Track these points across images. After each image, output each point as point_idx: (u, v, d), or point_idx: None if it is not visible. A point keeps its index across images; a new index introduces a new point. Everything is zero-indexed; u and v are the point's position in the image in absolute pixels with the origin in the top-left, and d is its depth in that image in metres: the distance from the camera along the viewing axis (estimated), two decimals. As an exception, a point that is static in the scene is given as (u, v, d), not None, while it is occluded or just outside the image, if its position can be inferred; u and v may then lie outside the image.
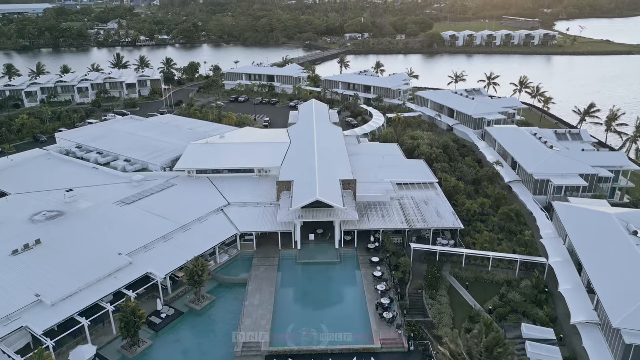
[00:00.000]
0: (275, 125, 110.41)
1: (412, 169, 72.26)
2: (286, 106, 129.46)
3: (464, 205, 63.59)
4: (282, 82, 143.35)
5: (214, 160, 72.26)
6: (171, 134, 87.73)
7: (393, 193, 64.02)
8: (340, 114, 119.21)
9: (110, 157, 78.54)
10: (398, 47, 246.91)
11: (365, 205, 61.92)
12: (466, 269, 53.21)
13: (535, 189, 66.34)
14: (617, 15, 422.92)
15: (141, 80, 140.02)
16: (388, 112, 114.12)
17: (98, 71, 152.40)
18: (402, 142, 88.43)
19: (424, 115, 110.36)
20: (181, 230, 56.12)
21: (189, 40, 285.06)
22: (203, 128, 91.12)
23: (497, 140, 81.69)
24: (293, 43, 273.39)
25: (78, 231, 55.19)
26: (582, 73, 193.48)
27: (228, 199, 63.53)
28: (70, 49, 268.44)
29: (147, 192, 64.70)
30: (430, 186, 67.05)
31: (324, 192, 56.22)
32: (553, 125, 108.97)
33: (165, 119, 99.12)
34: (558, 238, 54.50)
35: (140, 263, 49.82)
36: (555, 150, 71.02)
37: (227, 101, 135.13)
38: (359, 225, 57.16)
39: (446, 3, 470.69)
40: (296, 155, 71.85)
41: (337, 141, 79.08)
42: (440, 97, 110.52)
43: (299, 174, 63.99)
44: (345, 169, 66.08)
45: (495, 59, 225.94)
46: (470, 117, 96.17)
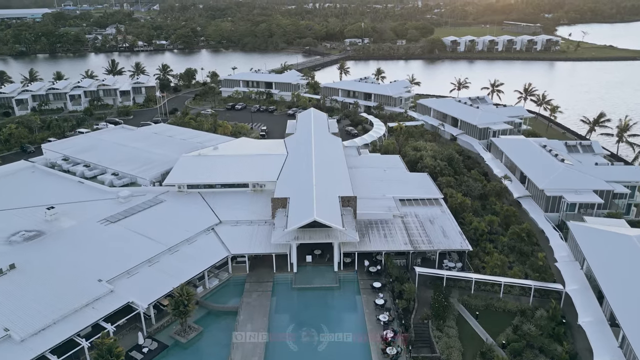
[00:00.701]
0: (272, 134, 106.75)
1: (415, 183, 68.41)
2: (284, 114, 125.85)
3: (471, 224, 59.66)
4: (280, 89, 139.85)
5: (206, 174, 68.43)
6: (163, 144, 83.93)
7: (395, 210, 60.11)
8: (339, 122, 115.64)
9: (97, 170, 74.73)
10: (399, 52, 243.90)
11: (366, 224, 58.02)
12: (475, 295, 49.21)
13: (547, 205, 62.43)
14: (618, 20, 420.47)
15: (135, 87, 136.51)
16: (389, 121, 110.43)
17: (92, 78, 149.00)
18: (404, 153, 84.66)
19: (426, 124, 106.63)
20: (168, 253, 52.16)
21: (187, 46, 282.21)
22: (197, 138, 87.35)
23: (504, 152, 77.88)
24: (292, 48, 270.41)
25: (57, 254, 51.26)
26: (585, 79, 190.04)
27: (220, 216, 59.64)
28: (67, 55, 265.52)
29: (133, 210, 60.81)
30: (435, 202, 63.15)
31: (321, 211, 52.34)
32: (560, 135, 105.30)
33: (157, 128, 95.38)
34: (574, 262, 50.50)
35: (122, 290, 45.83)
36: (567, 164, 67.15)
37: (224, 109, 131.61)
38: (359, 247, 53.22)
39: (446, 8, 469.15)
40: (293, 169, 68.03)
41: (336, 153, 75.28)
42: (443, 105, 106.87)
43: (296, 189, 60.14)
44: (344, 184, 62.22)
45: (497, 65, 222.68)
46: (474, 126, 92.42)
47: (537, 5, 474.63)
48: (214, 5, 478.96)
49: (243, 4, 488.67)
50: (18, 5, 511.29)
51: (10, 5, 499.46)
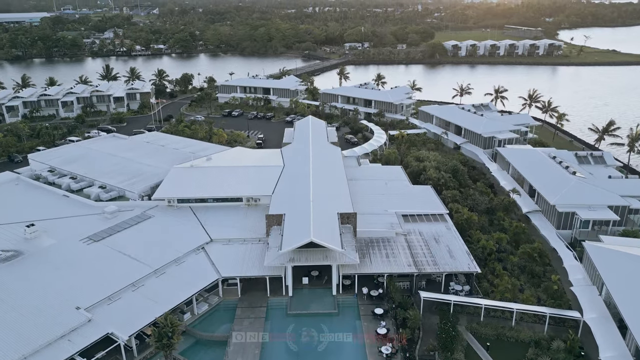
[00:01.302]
0: (270, 143, 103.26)
1: (418, 197, 64.79)
2: (282, 121, 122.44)
3: (479, 242, 56.00)
4: (278, 95, 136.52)
5: (197, 187, 64.84)
6: (154, 155, 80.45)
7: (398, 227, 56.48)
8: (339, 130, 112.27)
9: (84, 183, 71.19)
10: (399, 57, 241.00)
11: (367, 242, 54.37)
12: (485, 323, 45.47)
13: (559, 222, 58.77)
14: (619, 24, 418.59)
15: (130, 93, 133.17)
16: (390, 129, 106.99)
17: (86, 83, 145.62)
18: (406, 164, 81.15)
19: (429, 132, 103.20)
20: (154, 275, 48.47)
21: (185, 50, 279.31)
22: (190, 148, 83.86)
23: (511, 163, 74.31)
24: (292, 53, 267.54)
25: (33, 277, 47.55)
26: (589, 84, 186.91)
27: (211, 234, 55.99)
28: (64, 59, 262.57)
29: (119, 226, 57.15)
30: (439, 218, 59.50)
31: (319, 231, 48.69)
32: (567, 144, 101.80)
33: (149, 137, 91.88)
34: (591, 286, 46.80)
35: (101, 319, 42.10)
36: (579, 177, 63.57)
37: (220, 115, 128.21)
38: (359, 269, 49.52)
39: (446, 12, 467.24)
40: (289, 182, 64.44)
41: (335, 164, 71.72)
42: (446, 112, 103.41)
43: (292, 205, 56.53)
44: (343, 200, 58.61)
45: (498, 70, 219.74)
46: (479, 135, 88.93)
47: (537, 9, 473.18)
48: (214, 9, 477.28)
49: (243, 8, 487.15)
50: (18, 9, 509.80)
51: (10, 9, 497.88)
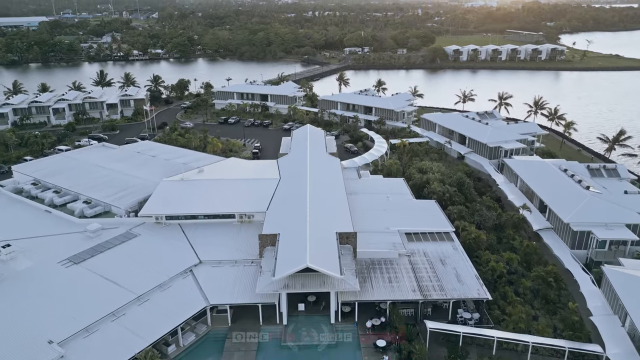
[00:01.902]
0: (266, 151, 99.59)
1: (422, 213, 60.97)
2: (280, 128, 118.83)
3: (488, 264, 52.13)
4: (276, 102, 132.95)
5: (187, 202, 61.07)
6: (144, 166, 76.67)
7: (402, 248, 52.64)
8: (338, 138, 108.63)
9: (68, 197, 67.31)
10: (399, 61, 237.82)
11: (368, 264, 50.56)
12: (498, 357, 41.54)
13: (573, 241, 54.90)
14: (621, 29, 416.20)
15: (124, 100, 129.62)
16: (391, 137, 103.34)
17: (79, 89, 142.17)
18: (408, 176, 77.38)
19: (431, 140, 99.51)
20: (136, 303, 44.58)
21: (183, 55, 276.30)
22: (182, 158, 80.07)
23: (519, 175, 70.51)
24: (291, 57, 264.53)
25: (5, 305, 43.66)
26: (593, 90, 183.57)
27: (200, 254, 52.16)
28: (60, 64, 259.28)
29: (102, 246, 53.32)
30: (445, 237, 55.68)
31: (316, 254, 44.85)
32: (575, 153, 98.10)
33: (141, 146, 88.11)
34: (613, 316, 42.90)
35: (75, 355, 38.24)
36: (593, 192, 59.76)
37: (216, 122, 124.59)
38: (360, 296, 45.65)
39: (447, 16, 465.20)
40: (285, 198, 60.66)
41: (334, 178, 67.95)
42: (449, 120, 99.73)
43: (287, 224, 52.72)
44: (343, 218, 54.79)
45: (500, 75, 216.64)
46: (484, 145, 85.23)
47: (538, 13, 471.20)
48: (213, 13, 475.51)
49: (242, 12, 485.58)
50: (17, 13, 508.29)
51: (9, 13, 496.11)
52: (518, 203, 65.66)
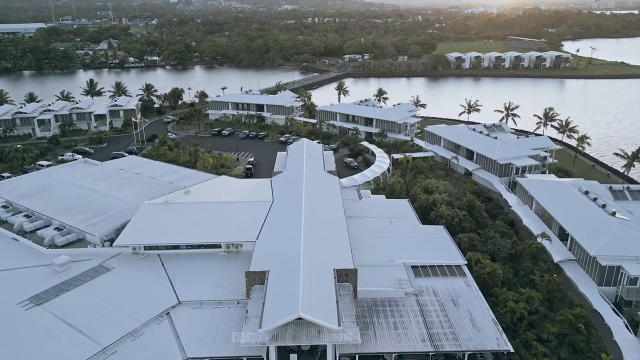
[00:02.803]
0: (261, 166, 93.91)
1: (430, 242, 54.89)
2: (276, 141, 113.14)
3: (506, 304, 45.99)
4: (272, 112, 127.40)
5: (169, 229, 55.03)
6: (126, 185, 70.73)
7: (408, 285, 46.52)
8: (337, 151, 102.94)
9: (40, 222, 61.29)
10: (400, 69, 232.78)
11: (370, 306, 44.40)
12: None
13: (601, 277, 48.82)
14: (623, 35, 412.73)
15: (113, 110, 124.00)
16: (393, 151, 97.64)
17: (68, 99, 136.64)
18: (413, 195, 71.49)
19: (436, 155, 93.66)
20: (101, 356, 38.36)
21: (180, 62, 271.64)
22: (169, 176, 74.20)
23: (535, 197, 64.51)
24: (289, 65, 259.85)
25: (-53, 360, 37.53)
26: (599, 98, 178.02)
27: (179, 293, 46.00)
28: (55, 71, 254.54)
29: (69, 284, 47.15)
30: (457, 271, 49.54)
31: (310, 300, 38.72)
32: (589, 169, 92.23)
33: (125, 162, 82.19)
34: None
35: None
36: (620, 219, 53.77)
37: (209, 134, 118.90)
38: (361, 347, 39.45)
39: (447, 23, 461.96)
40: (277, 225, 54.60)
41: (332, 200, 61.90)
42: (455, 134, 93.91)
43: (278, 259, 46.62)
44: (341, 251, 48.68)
45: (504, 83, 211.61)
46: (494, 162, 79.35)
47: (539, 19, 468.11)
48: (213, 20, 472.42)
49: (242, 18, 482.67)
50: (17, 20, 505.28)
51: (7, 20, 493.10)
52: (535, 229, 59.59)
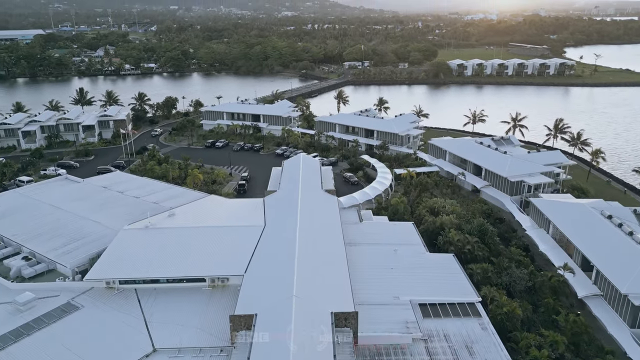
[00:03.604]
0: (255, 182, 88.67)
1: (439, 274, 49.20)
2: (272, 153, 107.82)
3: (528, 351, 40.29)
4: (268, 123, 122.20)
5: (149, 260, 49.43)
6: (107, 206, 65.21)
7: (416, 328, 40.80)
8: (336, 165, 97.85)
9: (9, 249, 55.72)
10: (401, 77, 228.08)
11: (373, 355, 38.69)
12: None
13: (634, 318, 43.14)
14: (625, 42, 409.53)
15: (102, 121, 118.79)
16: (395, 165, 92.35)
17: (57, 109, 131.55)
18: (418, 217, 66.01)
19: (441, 169, 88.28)
20: (57, 422, 32.70)
21: (177, 69, 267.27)
22: (154, 195, 68.76)
23: (552, 220, 58.96)
24: (288, 72, 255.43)
25: None
26: (605, 107, 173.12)
27: (155, 339, 40.29)
28: (49, 79, 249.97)
29: (31, 326, 41.46)
30: (470, 310, 43.78)
31: (302, 356, 33.04)
32: (604, 185, 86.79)
33: (109, 179, 76.65)
34: None
35: None
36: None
37: (203, 146, 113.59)
38: (362, 410, 33.78)
39: (447, 29, 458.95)
40: (269, 256, 49.02)
41: (330, 226, 56.30)
42: (461, 148, 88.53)
43: (268, 299, 41.02)
44: (340, 290, 43.00)
45: (507, 90, 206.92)
46: (505, 179, 73.90)
47: (540, 26, 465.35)
48: (212, 26, 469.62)
49: (241, 25, 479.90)
50: (17, 26, 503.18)
51: (7, 26, 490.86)
52: (555, 258, 54.01)
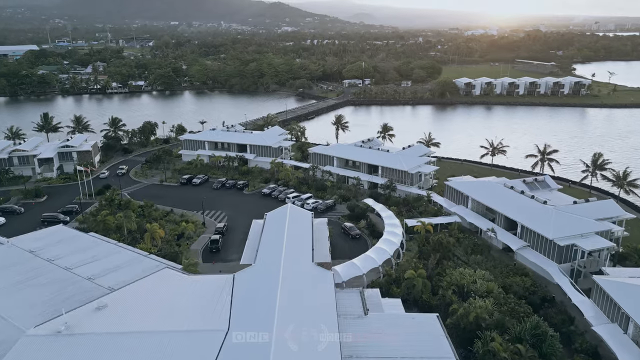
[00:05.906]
0: (234, 234, 72.28)
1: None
2: (258, 192, 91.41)
3: None
4: (256, 154, 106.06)
5: (45, 400, 32.56)
6: (25, 285, 48.36)
7: None
8: (334, 208, 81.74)
9: None
10: (405, 96, 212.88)
11: None
12: None
13: None
14: (634, 58, 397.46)
15: (63, 153, 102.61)
16: (405, 212, 75.94)
17: (17, 136, 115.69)
18: (441, 300, 49.19)
19: (463, 219, 71.77)
20: None
21: (167, 87, 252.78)
22: (92, 265, 52.12)
23: (633, 318, 41.93)
24: (284, 91, 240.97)
25: None
26: (628, 132, 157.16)
27: None
28: (30, 98, 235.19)
29: None
30: None
31: None
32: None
33: (42, 239, 59.63)
34: None
35: None
36: None
37: (177, 182, 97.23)
38: None
39: (449, 45, 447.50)
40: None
41: (322, 331, 39.32)
42: (486, 193, 71.87)
43: None
44: None
45: (519, 112, 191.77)
46: (550, 241, 57.25)
47: (544, 42, 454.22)
48: (210, 42, 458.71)
49: (239, 40, 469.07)
50: (14, 42, 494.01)
51: (5, 42, 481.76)
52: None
